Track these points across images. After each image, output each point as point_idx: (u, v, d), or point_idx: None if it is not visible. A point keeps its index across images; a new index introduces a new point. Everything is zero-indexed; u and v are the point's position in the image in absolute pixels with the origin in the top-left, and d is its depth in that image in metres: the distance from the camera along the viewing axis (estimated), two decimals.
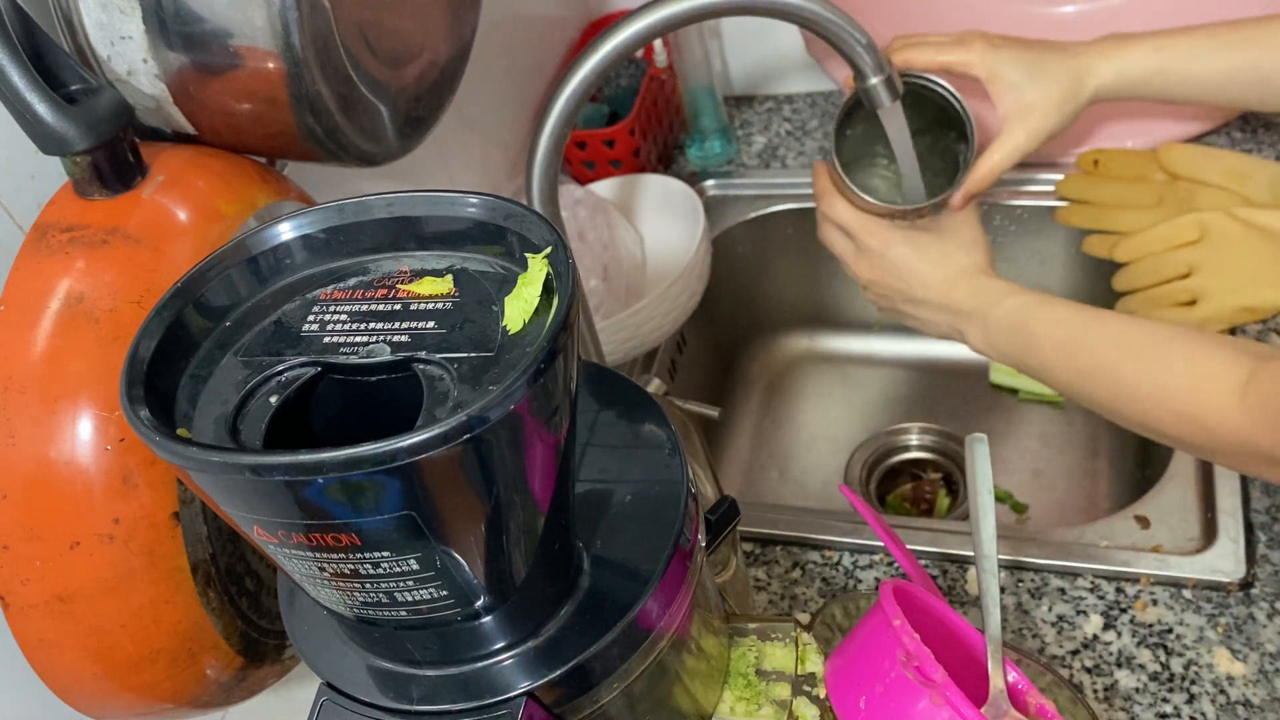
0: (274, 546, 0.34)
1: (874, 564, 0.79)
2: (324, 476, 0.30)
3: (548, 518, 0.37)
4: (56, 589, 0.44)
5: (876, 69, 0.78)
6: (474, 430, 0.30)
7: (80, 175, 0.48)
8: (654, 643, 0.41)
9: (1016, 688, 0.54)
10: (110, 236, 0.46)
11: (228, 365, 0.36)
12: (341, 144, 0.53)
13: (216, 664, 0.49)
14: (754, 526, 0.82)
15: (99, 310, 0.45)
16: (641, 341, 0.95)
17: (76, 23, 0.49)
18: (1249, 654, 0.68)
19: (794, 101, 1.23)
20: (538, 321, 0.35)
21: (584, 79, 0.73)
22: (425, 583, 0.35)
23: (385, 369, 0.35)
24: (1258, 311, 0.86)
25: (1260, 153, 0.98)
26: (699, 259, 0.96)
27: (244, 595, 0.50)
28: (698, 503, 0.44)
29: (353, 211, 0.39)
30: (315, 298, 0.38)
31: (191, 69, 0.49)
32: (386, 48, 0.55)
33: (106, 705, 0.49)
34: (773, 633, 0.50)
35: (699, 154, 1.18)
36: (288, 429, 0.35)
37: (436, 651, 0.39)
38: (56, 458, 0.44)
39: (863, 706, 0.48)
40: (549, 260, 0.35)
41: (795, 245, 1.16)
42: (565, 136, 0.74)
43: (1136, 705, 0.67)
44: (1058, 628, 0.72)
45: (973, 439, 0.64)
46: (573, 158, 1.12)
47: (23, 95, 0.45)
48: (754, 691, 0.49)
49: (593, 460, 0.45)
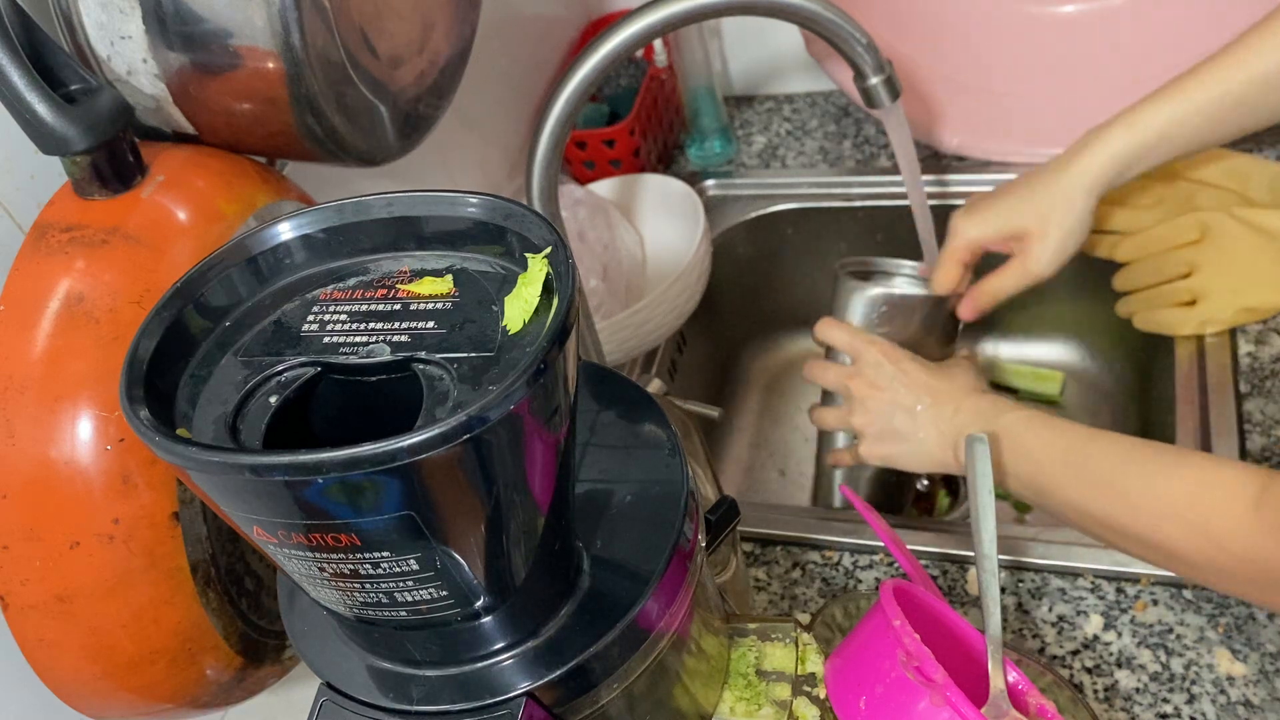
0: (274, 546, 0.34)
1: (874, 564, 0.79)
2: (324, 476, 0.30)
3: (548, 518, 0.37)
4: (56, 589, 0.44)
5: (876, 69, 0.78)
6: (474, 430, 0.30)
7: (80, 175, 0.48)
8: (654, 643, 0.41)
9: (1016, 688, 0.54)
10: (110, 236, 0.46)
11: (227, 365, 0.36)
12: (341, 144, 0.53)
13: (216, 664, 0.49)
14: (754, 526, 0.82)
15: (99, 310, 0.45)
16: (641, 341, 0.95)
17: (76, 23, 0.49)
18: (1249, 654, 0.68)
19: (794, 101, 1.23)
20: (538, 321, 0.35)
21: (584, 79, 0.73)
22: (425, 583, 0.35)
23: (385, 369, 0.35)
24: (1258, 311, 0.86)
25: (1260, 153, 0.98)
26: (699, 259, 0.96)
27: (244, 595, 0.50)
28: (698, 503, 0.44)
29: (353, 211, 0.39)
30: (315, 298, 0.38)
31: (191, 69, 0.49)
32: (386, 48, 0.55)
33: (106, 705, 0.49)
34: (773, 633, 0.50)
35: (699, 154, 1.18)
36: (288, 429, 0.35)
37: (436, 651, 0.39)
38: (56, 458, 0.44)
39: (863, 707, 0.48)
40: (549, 260, 0.35)
41: (795, 245, 1.16)
42: (565, 136, 0.74)
43: (1137, 705, 0.67)
44: (1058, 628, 0.72)
45: (973, 439, 0.64)
46: (573, 158, 1.12)
47: (23, 95, 0.45)
48: (754, 692, 0.49)
49: (593, 460, 0.45)
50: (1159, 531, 0.58)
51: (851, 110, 1.19)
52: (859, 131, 1.16)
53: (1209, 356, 0.86)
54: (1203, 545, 0.56)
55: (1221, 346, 0.86)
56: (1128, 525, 0.61)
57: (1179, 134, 0.76)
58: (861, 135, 1.16)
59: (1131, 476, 0.60)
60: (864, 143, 1.15)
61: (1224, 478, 0.56)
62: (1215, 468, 0.57)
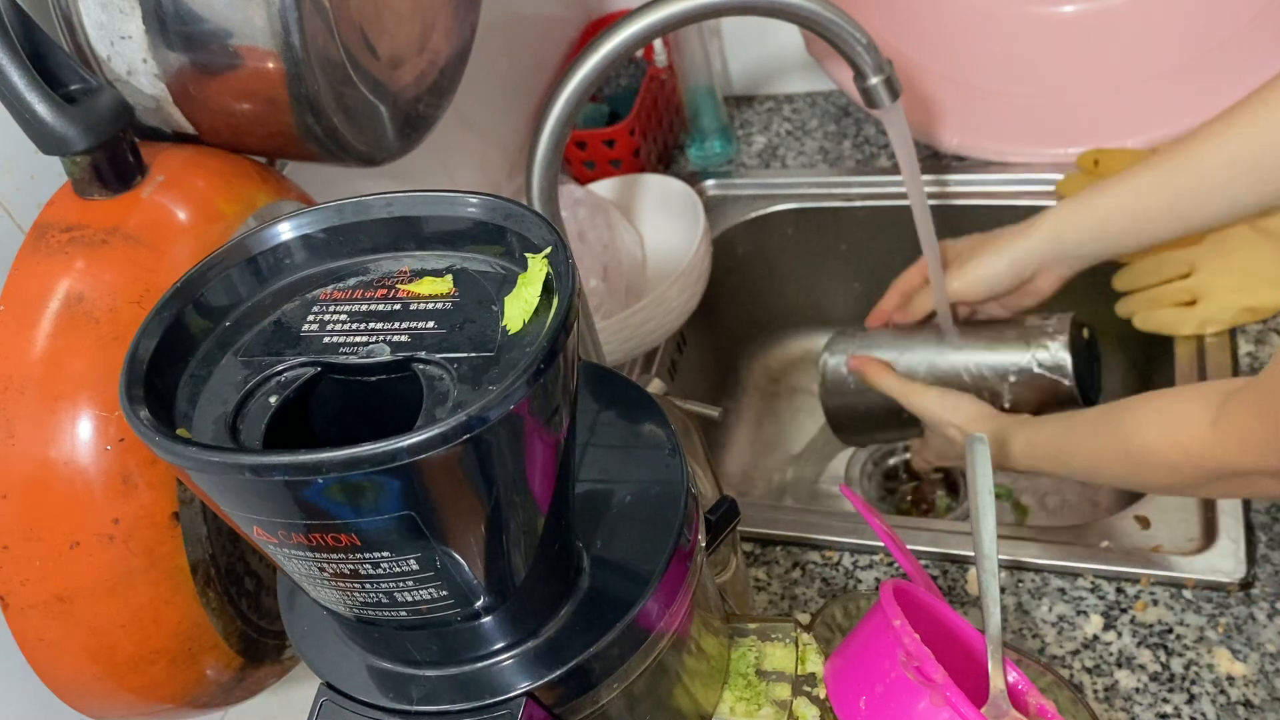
0: (274, 547, 0.34)
1: (874, 564, 0.79)
2: (324, 476, 0.30)
3: (548, 518, 0.37)
4: (56, 589, 0.44)
5: (876, 69, 0.78)
6: (474, 430, 0.30)
7: (80, 175, 0.48)
8: (654, 643, 0.41)
9: (1016, 688, 0.54)
10: (110, 236, 0.46)
11: (227, 365, 0.36)
12: (341, 144, 0.53)
13: (216, 664, 0.49)
14: (754, 526, 0.82)
15: (99, 310, 0.45)
16: (641, 341, 0.95)
17: (76, 23, 0.49)
18: (1249, 654, 0.68)
19: (794, 101, 1.23)
20: (538, 321, 0.35)
21: (584, 79, 0.73)
22: (425, 583, 0.35)
23: (385, 369, 0.35)
24: (1258, 311, 0.86)
25: None
26: (699, 259, 0.96)
27: (244, 595, 0.50)
28: (698, 503, 0.44)
29: (352, 211, 0.39)
30: (315, 298, 0.38)
31: (191, 69, 0.49)
32: (386, 48, 0.55)
33: (106, 705, 0.49)
34: (773, 633, 0.50)
35: (699, 154, 1.18)
36: (287, 429, 0.35)
37: (436, 651, 0.39)
38: (56, 458, 0.44)
39: (863, 707, 0.48)
40: (549, 260, 0.35)
41: (795, 245, 1.16)
42: (565, 136, 0.74)
43: (1137, 705, 0.67)
44: (1058, 628, 0.72)
45: (973, 439, 0.64)
46: (573, 158, 1.12)
47: (23, 95, 0.45)
48: (754, 692, 0.49)
49: (593, 460, 0.45)
50: (1149, 477, 0.69)
51: (851, 110, 1.19)
52: (859, 131, 1.16)
53: (1209, 356, 0.86)
54: (1186, 472, 0.66)
55: (1221, 346, 0.86)
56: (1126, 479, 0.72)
57: (1116, 220, 0.81)
58: (861, 135, 1.16)
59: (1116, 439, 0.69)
60: (864, 143, 1.15)
61: (1180, 412, 0.65)
62: (1171, 409, 0.66)
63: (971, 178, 1.06)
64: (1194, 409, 0.64)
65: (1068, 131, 1.04)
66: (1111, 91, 1.05)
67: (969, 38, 1.11)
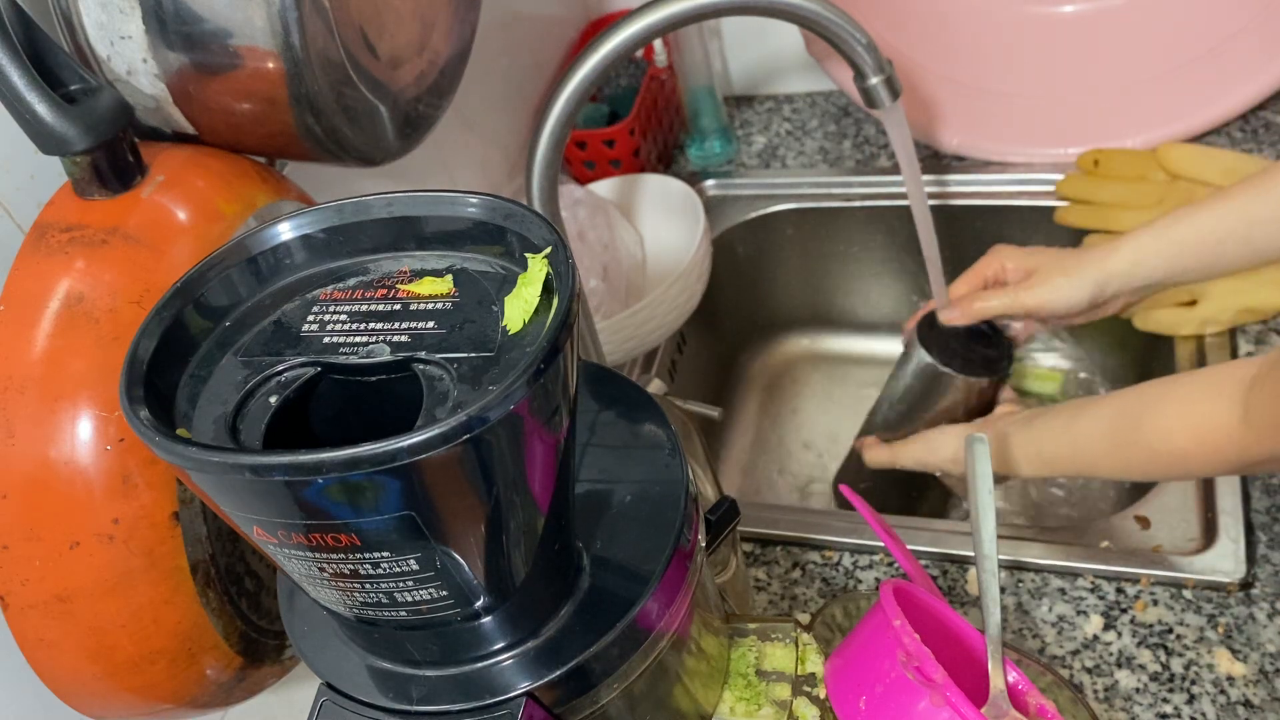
0: (274, 547, 0.34)
1: (874, 564, 0.79)
2: (324, 476, 0.30)
3: (548, 518, 0.37)
4: (56, 589, 0.44)
5: (876, 69, 0.78)
6: (474, 430, 0.30)
7: (80, 175, 0.48)
8: (654, 643, 0.41)
9: (1016, 688, 0.54)
10: (110, 236, 0.46)
11: (227, 365, 0.36)
12: (341, 144, 0.53)
13: (216, 664, 0.49)
14: (754, 526, 0.82)
15: (99, 310, 0.45)
16: (641, 341, 0.95)
17: (76, 23, 0.49)
18: (1249, 654, 0.68)
19: (794, 101, 1.23)
20: (538, 321, 0.35)
21: (584, 79, 0.73)
22: (425, 583, 0.35)
23: (385, 369, 0.35)
24: (1258, 312, 0.86)
25: (1260, 153, 0.98)
26: (699, 259, 0.96)
27: (244, 595, 0.50)
28: (698, 503, 0.44)
29: (352, 211, 0.39)
30: (315, 298, 0.38)
31: (191, 69, 0.49)
32: (386, 48, 0.55)
33: (106, 705, 0.49)
34: (773, 633, 0.50)
35: (699, 154, 1.18)
36: (287, 429, 0.35)
37: (436, 652, 0.39)
38: (56, 458, 0.44)
39: (863, 707, 0.48)
40: (549, 260, 0.35)
41: (795, 245, 1.16)
42: (565, 136, 0.74)
43: (1137, 705, 0.67)
44: (1058, 628, 0.72)
45: (973, 439, 0.64)
46: (573, 158, 1.12)
47: (23, 95, 0.45)
48: (754, 692, 0.49)
49: (593, 460, 0.45)
50: (1182, 474, 0.73)
51: (851, 110, 1.19)
52: (859, 131, 1.16)
53: (1209, 356, 0.86)
54: (1221, 466, 0.67)
55: (1221, 346, 0.86)
56: (1153, 476, 0.74)
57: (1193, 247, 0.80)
58: (861, 135, 1.16)
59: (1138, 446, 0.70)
60: (864, 143, 1.15)
61: (1206, 409, 0.66)
62: (1192, 407, 0.67)
63: (971, 178, 1.06)
64: (1218, 407, 0.64)
65: (1068, 131, 1.04)
66: (1111, 91, 1.05)
67: (969, 38, 1.11)
